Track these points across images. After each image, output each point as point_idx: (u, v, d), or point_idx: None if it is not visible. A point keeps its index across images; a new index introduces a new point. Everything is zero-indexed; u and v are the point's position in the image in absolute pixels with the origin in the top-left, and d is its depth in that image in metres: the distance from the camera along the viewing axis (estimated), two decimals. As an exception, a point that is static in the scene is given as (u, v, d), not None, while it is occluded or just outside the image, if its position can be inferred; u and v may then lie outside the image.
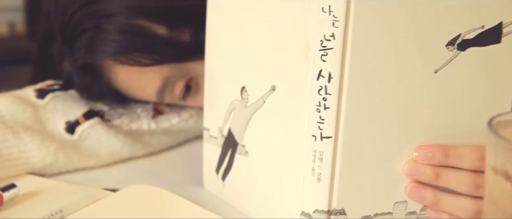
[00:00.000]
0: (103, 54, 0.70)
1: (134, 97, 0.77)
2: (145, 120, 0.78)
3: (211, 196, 0.67)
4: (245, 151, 0.61)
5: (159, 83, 0.73)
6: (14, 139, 0.67)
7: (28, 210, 0.59)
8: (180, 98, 0.77)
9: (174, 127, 0.80)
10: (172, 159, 0.79)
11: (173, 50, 0.71)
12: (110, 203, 0.58)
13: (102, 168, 0.74)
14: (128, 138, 0.75)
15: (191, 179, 0.72)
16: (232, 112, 0.62)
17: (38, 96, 0.73)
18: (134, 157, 0.78)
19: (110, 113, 0.76)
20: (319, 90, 0.50)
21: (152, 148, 0.79)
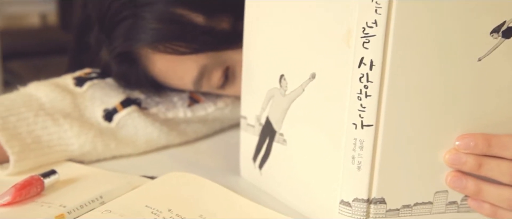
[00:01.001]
0: (141, 42, 0.71)
1: (170, 85, 0.77)
2: (181, 109, 0.78)
3: (248, 185, 0.67)
4: (283, 139, 0.61)
5: (196, 71, 0.74)
6: (54, 126, 0.68)
7: (68, 196, 0.59)
8: (216, 87, 0.77)
9: (209, 116, 0.80)
10: (207, 148, 0.80)
11: (211, 39, 0.71)
12: (149, 189, 0.58)
13: (138, 156, 0.75)
14: (165, 126, 0.76)
15: (227, 168, 0.72)
16: (270, 100, 0.62)
17: (77, 84, 0.73)
18: (170, 146, 0.78)
19: (146, 101, 0.76)
20: (361, 78, 0.50)
21: (188, 137, 0.79)
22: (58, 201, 0.58)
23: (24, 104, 0.68)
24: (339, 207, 0.55)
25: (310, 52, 0.55)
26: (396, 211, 0.54)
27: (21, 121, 0.66)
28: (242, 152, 0.69)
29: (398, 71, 0.49)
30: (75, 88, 0.73)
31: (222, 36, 0.72)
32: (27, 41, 2.61)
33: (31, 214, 0.55)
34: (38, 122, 0.67)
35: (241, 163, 0.69)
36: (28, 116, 0.67)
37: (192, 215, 0.54)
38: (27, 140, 0.66)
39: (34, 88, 0.71)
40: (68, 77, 0.75)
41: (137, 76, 0.75)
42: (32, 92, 0.70)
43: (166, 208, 0.54)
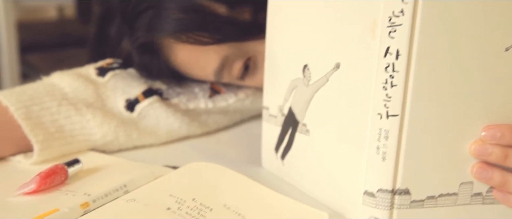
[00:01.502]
0: (164, 33, 0.71)
1: (192, 76, 0.77)
2: (202, 100, 0.78)
3: (269, 175, 0.67)
4: (306, 129, 0.61)
5: (218, 62, 0.74)
6: (77, 116, 0.68)
7: (92, 185, 0.60)
8: (238, 78, 0.77)
9: (230, 107, 0.80)
10: (228, 139, 0.80)
11: (233, 29, 0.71)
12: (172, 179, 0.58)
13: (160, 146, 0.75)
14: (186, 117, 0.76)
15: (249, 158, 0.72)
16: (293, 91, 0.61)
17: (99, 74, 0.74)
18: (191, 136, 0.78)
19: (168, 92, 0.77)
20: (386, 68, 0.50)
21: (209, 128, 0.80)
22: (82, 190, 0.58)
23: (47, 94, 0.68)
24: (363, 197, 0.54)
25: (335, 42, 0.55)
26: (420, 202, 0.53)
27: (45, 110, 0.66)
28: (264, 142, 0.69)
29: (424, 61, 0.49)
30: (97, 78, 0.73)
31: (244, 27, 0.72)
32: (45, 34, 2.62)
33: (56, 202, 0.55)
34: (61, 111, 0.67)
35: (262, 153, 0.69)
36: (51, 105, 0.67)
37: (216, 205, 0.54)
38: (50, 129, 0.66)
39: (57, 78, 0.71)
40: (90, 67, 0.75)
41: (159, 67, 0.75)
42: (55, 82, 0.71)
43: (190, 197, 0.54)
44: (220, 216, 0.53)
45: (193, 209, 0.53)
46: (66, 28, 2.77)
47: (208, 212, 0.53)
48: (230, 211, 0.54)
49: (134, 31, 0.73)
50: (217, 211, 0.53)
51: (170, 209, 0.52)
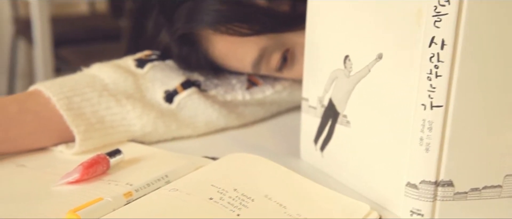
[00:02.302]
0: (203, 24, 0.71)
1: (230, 68, 0.78)
2: (240, 91, 0.78)
3: (308, 167, 0.67)
4: (346, 121, 0.60)
5: (256, 53, 0.74)
6: (117, 107, 0.69)
7: (133, 175, 0.60)
8: (276, 70, 0.77)
9: (267, 99, 0.80)
10: (265, 130, 0.80)
11: (272, 21, 0.71)
12: (213, 169, 0.58)
13: (198, 138, 0.75)
14: (224, 108, 0.76)
15: (287, 150, 0.72)
16: (334, 82, 0.61)
17: (138, 66, 0.74)
18: (228, 128, 0.78)
19: (206, 84, 0.77)
20: (431, 58, 0.49)
21: (246, 119, 0.80)
22: (124, 180, 0.59)
23: (88, 85, 0.69)
24: (405, 189, 0.54)
25: (377, 32, 0.54)
26: (464, 194, 0.53)
27: (86, 101, 0.67)
28: (302, 134, 0.69)
29: (470, 51, 0.48)
30: (136, 70, 0.74)
31: (283, 18, 0.72)
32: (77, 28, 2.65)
33: (99, 191, 0.55)
34: (102, 102, 0.68)
35: (301, 145, 0.69)
36: (92, 96, 0.68)
37: (257, 195, 0.54)
38: (91, 120, 0.67)
39: (97, 69, 0.72)
40: (128, 58, 0.76)
41: (197, 58, 0.75)
42: (95, 73, 0.71)
43: (232, 188, 0.54)
44: (262, 206, 0.53)
45: (235, 199, 0.53)
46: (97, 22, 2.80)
47: (250, 202, 0.53)
48: (271, 201, 0.54)
49: (172, 23, 0.74)
50: (258, 201, 0.54)
51: (212, 199, 0.52)
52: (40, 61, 2.19)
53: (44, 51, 2.17)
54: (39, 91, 0.66)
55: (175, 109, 0.73)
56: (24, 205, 0.52)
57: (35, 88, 0.67)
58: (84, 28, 2.69)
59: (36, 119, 0.64)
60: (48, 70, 2.19)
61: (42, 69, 2.19)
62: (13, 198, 0.54)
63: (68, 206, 0.51)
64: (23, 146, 0.65)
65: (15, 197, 0.55)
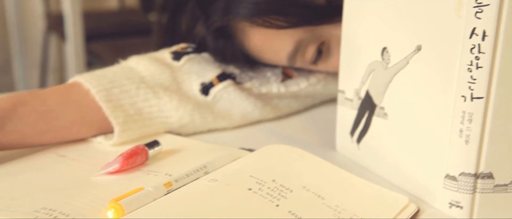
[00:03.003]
0: (240, 16, 0.72)
1: (265, 61, 0.78)
2: (275, 84, 0.78)
3: (344, 159, 0.67)
4: (384, 113, 0.60)
5: (291, 46, 0.74)
6: (155, 99, 0.70)
7: (172, 166, 0.61)
8: (311, 62, 0.77)
9: (302, 92, 0.80)
10: (300, 123, 0.80)
11: (308, 13, 0.71)
12: (251, 161, 0.59)
13: (233, 130, 0.76)
14: (259, 101, 0.76)
15: (322, 142, 0.72)
16: (371, 74, 0.61)
17: (174, 58, 0.75)
18: (263, 120, 0.79)
19: (241, 76, 0.77)
20: (472, 49, 0.49)
21: (281, 112, 0.80)
22: (163, 170, 0.59)
23: (126, 77, 0.70)
24: (444, 181, 0.54)
25: (416, 24, 0.54)
26: (504, 186, 0.52)
27: (124, 93, 0.68)
28: (338, 126, 0.69)
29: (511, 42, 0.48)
30: (172, 62, 0.74)
31: (319, 11, 0.72)
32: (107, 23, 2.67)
33: (139, 181, 0.56)
34: (139, 94, 0.69)
35: (337, 137, 0.69)
36: (130, 88, 0.69)
37: (295, 186, 0.55)
38: (130, 111, 0.68)
39: (134, 62, 0.73)
40: (165, 51, 0.76)
41: (233, 51, 0.76)
42: (133, 66, 0.72)
43: (270, 179, 0.54)
44: (301, 197, 0.53)
45: (273, 190, 0.53)
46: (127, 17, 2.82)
47: (288, 193, 0.53)
48: (309, 192, 0.54)
49: (209, 16, 0.74)
50: (297, 192, 0.54)
51: (251, 189, 0.52)
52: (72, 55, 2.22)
53: (76, 46, 2.20)
54: (78, 83, 0.67)
55: (211, 101, 0.74)
56: (67, 194, 0.53)
57: (74, 80, 0.68)
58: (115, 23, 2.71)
59: (76, 110, 0.65)
60: (80, 65, 2.22)
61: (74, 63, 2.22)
62: (56, 188, 0.55)
63: (109, 195, 0.52)
64: (63, 137, 0.66)
65: (58, 186, 0.56)
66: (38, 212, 0.49)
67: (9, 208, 0.50)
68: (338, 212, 0.53)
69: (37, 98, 0.64)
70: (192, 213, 0.48)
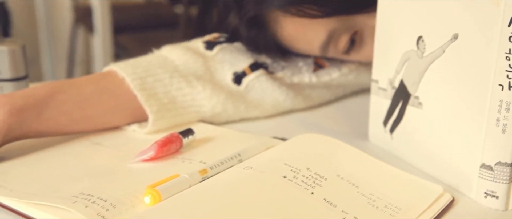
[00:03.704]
0: (273, 6, 0.72)
1: (297, 50, 0.78)
2: (307, 74, 0.78)
3: (377, 149, 0.67)
4: (418, 102, 0.60)
5: (324, 36, 0.74)
6: (188, 88, 0.70)
7: (206, 153, 0.61)
8: (343, 52, 0.77)
9: (334, 81, 0.80)
10: (332, 113, 0.80)
11: (342, 3, 0.71)
12: (285, 149, 0.59)
13: (265, 119, 0.76)
14: (291, 90, 0.77)
15: (354, 132, 0.72)
16: (406, 63, 0.61)
17: (207, 48, 0.75)
18: (295, 110, 0.79)
19: (273, 66, 0.77)
20: (510, 37, 0.49)
21: (312, 102, 0.80)
22: (198, 158, 0.60)
23: (159, 66, 0.70)
24: (480, 171, 0.54)
25: (453, 12, 0.54)
26: (541, 176, 0.52)
27: (158, 82, 0.69)
28: (371, 116, 0.68)
29: (551, 30, 0.47)
30: (205, 52, 0.75)
31: (353, 0, 0.71)
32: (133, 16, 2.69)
33: (174, 168, 0.57)
34: (173, 83, 0.69)
35: (369, 127, 0.69)
36: (164, 77, 0.69)
37: (330, 174, 0.55)
38: (163, 100, 0.68)
39: (168, 51, 0.73)
40: (197, 41, 0.77)
41: (265, 41, 0.76)
42: (166, 55, 0.73)
43: (304, 167, 0.55)
44: (335, 185, 0.53)
45: (308, 178, 0.53)
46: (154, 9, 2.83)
47: (323, 181, 0.53)
48: (344, 181, 0.54)
49: (242, 6, 0.74)
50: (331, 180, 0.54)
51: (286, 177, 0.52)
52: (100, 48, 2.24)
53: (104, 38, 2.22)
54: (113, 71, 0.68)
55: (243, 90, 0.74)
56: (103, 180, 0.54)
57: (109, 69, 0.69)
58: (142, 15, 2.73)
59: (111, 98, 0.66)
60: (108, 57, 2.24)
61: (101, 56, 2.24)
62: (93, 174, 0.56)
63: (145, 182, 0.52)
64: (98, 125, 0.66)
65: (94, 173, 0.56)
66: (76, 197, 0.50)
67: (48, 194, 0.51)
68: (372, 200, 0.53)
69: (73, 86, 0.65)
70: (228, 199, 0.48)
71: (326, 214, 0.49)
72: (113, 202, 0.49)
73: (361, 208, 0.51)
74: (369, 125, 0.69)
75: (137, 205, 0.50)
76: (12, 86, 0.72)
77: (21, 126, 0.60)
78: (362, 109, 0.78)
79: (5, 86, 0.71)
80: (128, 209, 0.49)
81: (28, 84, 0.73)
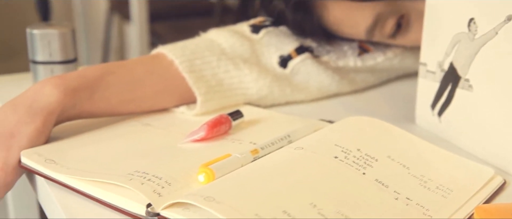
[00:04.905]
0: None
1: (343, 34, 0.78)
2: (352, 58, 0.78)
3: (424, 132, 0.67)
4: (468, 85, 0.60)
5: (371, 19, 0.73)
6: (235, 70, 0.71)
7: (255, 135, 0.62)
8: (389, 36, 0.76)
9: (378, 66, 0.80)
10: (376, 97, 0.80)
11: (390, -14, 0.71)
12: (334, 130, 0.59)
13: (309, 103, 0.77)
14: (336, 74, 0.77)
15: (399, 115, 0.72)
16: (456, 46, 0.61)
17: (253, 31, 0.76)
18: (340, 94, 0.79)
19: (318, 50, 0.77)
20: None
21: (357, 86, 0.80)
22: (247, 139, 0.60)
23: (207, 49, 0.71)
24: (533, 153, 0.53)
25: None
26: None
27: (206, 64, 0.69)
28: (419, 99, 0.68)
29: None
30: (251, 35, 0.75)
31: (400, -17, 0.71)
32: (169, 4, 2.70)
33: (225, 148, 0.57)
34: (220, 65, 0.70)
35: (417, 110, 0.69)
36: (211, 60, 0.70)
37: (380, 156, 0.55)
38: (211, 82, 0.69)
39: (215, 34, 0.74)
40: (243, 24, 0.77)
41: (311, 24, 0.76)
42: (213, 38, 0.73)
43: (355, 148, 0.55)
44: (386, 166, 0.53)
45: (359, 159, 0.53)
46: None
47: (374, 162, 0.54)
48: (395, 162, 0.55)
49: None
50: (382, 162, 0.54)
51: (337, 157, 0.53)
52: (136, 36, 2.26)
53: (141, 26, 2.24)
54: (162, 54, 0.69)
55: (289, 74, 0.74)
56: (156, 159, 0.55)
57: (158, 52, 0.70)
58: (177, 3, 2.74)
59: (160, 80, 0.67)
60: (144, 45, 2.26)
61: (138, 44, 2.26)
62: (145, 154, 0.57)
63: (197, 161, 0.53)
64: (147, 106, 0.67)
65: (147, 152, 0.57)
66: (132, 174, 0.50)
67: (103, 171, 0.52)
68: (424, 181, 0.53)
69: (124, 68, 0.66)
70: (281, 178, 0.49)
71: (378, 194, 0.49)
72: (168, 180, 0.50)
73: (413, 189, 0.51)
74: (416, 108, 0.69)
75: (191, 183, 0.51)
76: (62, 69, 0.73)
77: (75, 106, 0.61)
78: (406, 93, 0.78)
79: (56, 68, 0.73)
80: (183, 187, 0.50)
81: (77, 67, 0.75)
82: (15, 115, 0.58)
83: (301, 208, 0.45)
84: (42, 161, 0.55)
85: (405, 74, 0.85)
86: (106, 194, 0.49)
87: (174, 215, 0.45)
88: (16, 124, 0.57)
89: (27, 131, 0.57)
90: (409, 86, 0.81)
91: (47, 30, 0.72)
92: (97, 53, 2.92)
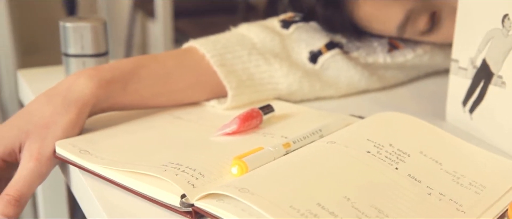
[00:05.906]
0: (352, -15, 0.72)
1: (373, 31, 0.78)
2: (381, 54, 0.78)
3: (455, 129, 0.66)
4: (501, 82, 0.59)
5: (402, 16, 0.73)
6: (265, 65, 0.71)
7: (286, 129, 0.62)
8: (420, 33, 0.76)
9: (408, 63, 0.80)
10: (405, 94, 0.80)
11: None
12: (366, 125, 0.59)
13: (339, 99, 0.77)
14: (365, 70, 0.77)
15: (430, 112, 0.72)
16: (489, 42, 0.60)
17: (283, 26, 0.76)
18: (369, 90, 0.79)
19: (348, 46, 0.77)
20: None
21: (386, 82, 0.80)
22: (279, 133, 0.61)
23: (238, 43, 0.71)
24: None
25: (543, -11, 0.53)
26: None
27: (237, 58, 0.70)
28: (450, 96, 0.68)
29: None
30: (281, 30, 0.75)
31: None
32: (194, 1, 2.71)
33: (257, 142, 0.58)
34: (251, 60, 0.70)
35: (447, 107, 0.69)
36: (242, 54, 0.70)
37: (412, 151, 0.55)
38: (242, 76, 0.69)
39: (245, 29, 0.74)
40: (274, 20, 0.77)
41: (342, 20, 0.76)
42: (244, 33, 0.74)
43: (387, 143, 0.55)
44: (418, 162, 0.53)
45: (391, 154, 0.53)
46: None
47: (406, 157, 0.54)
48: (427, 158, 0.54)
49: (319, -15, 0.75)
50: (414, 157, 0.54)
51: (369, 152, 0.53)
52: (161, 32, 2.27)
53: (165, 23, 2.25)
54: (193, 48, 0.69)
55: (319, 69, 0.74)
56: (189, 151, 0.55)
57: (189, 45, 0.70)
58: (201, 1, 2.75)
59: (192, 74, 0.68)
60: (168, 42, 2.27)
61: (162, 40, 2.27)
62: (177, 146, 0.57)
63: (230, 154, 0.54)
64: (179, 100, 0.68)
65: (179, 144, 0.58)
66: (166, 166, 0.51)
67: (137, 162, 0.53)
68: (456, 177, 0.53)
69: (156, 61, 0.66)
70: (313, 171, 0.49)
71: (411, 189, 0.49)
72: (202, 172, 0.50)
73: (446, 184, 0.51)
74: (447, 104, 0.69)
75: (224, 175, 0.51)
76: (94, 62, 0.74)
77: (108, 98, 0.62)
78: (435, 90, 0.78)
79: (88, 61, 0.74)
80: (217, 179, 0.50)
81: (109, 60, 0.75)
82: (50, 106, 0.58)
83: (335, 201, 0.45)
84: (77, 151, 0.55)
85: (434, 71, 0.84)
86: (141, 185, 0.50)
87: (208, 206, 0.45)
88: (51, 115, 0.58)
89: (62, 122, 0.58)
90: (438, 84, 0.80)
91: (80, 23, 0.72)
92: (120, 49, 2.94)
